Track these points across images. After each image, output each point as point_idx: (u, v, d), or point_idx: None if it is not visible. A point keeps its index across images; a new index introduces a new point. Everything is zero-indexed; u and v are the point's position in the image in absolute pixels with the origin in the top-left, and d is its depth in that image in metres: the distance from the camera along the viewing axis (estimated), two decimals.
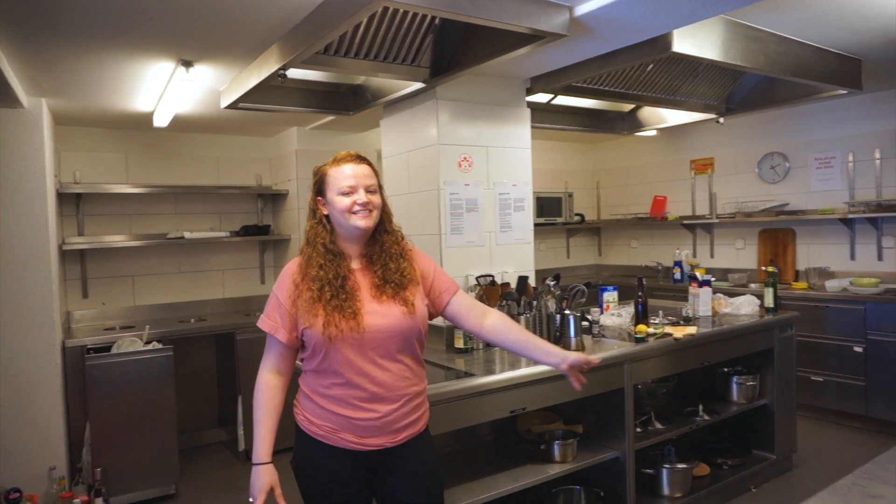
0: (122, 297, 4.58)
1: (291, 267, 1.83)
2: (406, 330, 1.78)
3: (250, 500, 1.77)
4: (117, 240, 4.47)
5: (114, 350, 3.72)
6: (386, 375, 1.76)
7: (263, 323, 1.81)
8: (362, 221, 1.76)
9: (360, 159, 1.82)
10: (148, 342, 3.85)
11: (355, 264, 1.83)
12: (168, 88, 3.37)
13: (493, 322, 1.95)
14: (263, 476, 1.75)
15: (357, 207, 1.75)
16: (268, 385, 1.80)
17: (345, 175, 1.77)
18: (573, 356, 1.89)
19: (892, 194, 4.65)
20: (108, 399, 3.61)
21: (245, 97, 3.29)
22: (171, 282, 4.78)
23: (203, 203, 4.91)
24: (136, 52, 2.87)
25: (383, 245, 1.83)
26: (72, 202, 4.34)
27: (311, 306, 1.73)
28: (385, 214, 1.86)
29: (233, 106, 3.47)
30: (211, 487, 3.94)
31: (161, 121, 3.96)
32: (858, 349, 4.40)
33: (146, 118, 4.12)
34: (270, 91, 3.51)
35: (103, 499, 3.27)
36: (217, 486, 3.95)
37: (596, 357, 1.95)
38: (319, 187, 1.81)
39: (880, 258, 4.78)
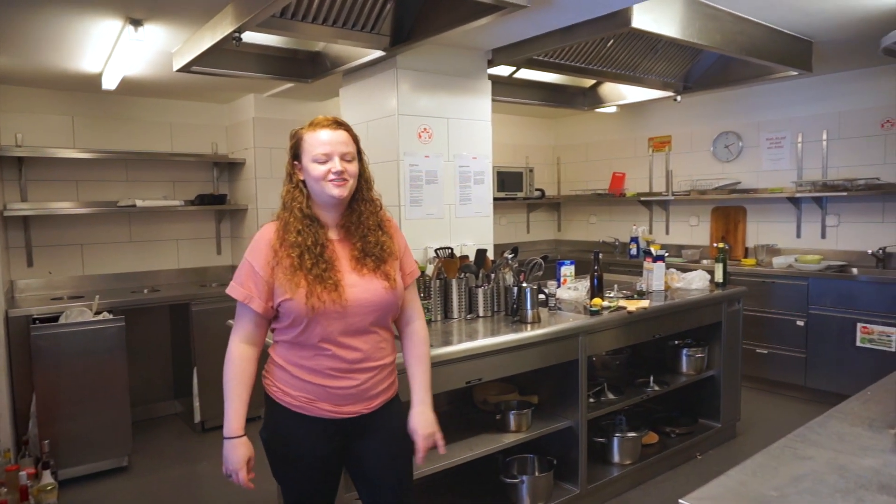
0: (70, 266, 4.42)
1: (267, 233, 1.74)
2: (387, 304, 1.77)
3: (228, 476, 1.72)
4: (64, 206, 4.30)
5: (61, 320, 3.61)
6: (365, 346, 1.75)
7: (236, 291, 1.72)
8: (336, 190, 1.71)
9: (338, 125, 1.75)
10: (98, 313, 3.75)
11: (333, 234, 1.78)
12: (116, 48, 3.23)
13: (409, 332, 1.93)
14: (240, 449, 1.71)
15: (332, 176, 1.70)
16: (241, 356, 1.73)
17: (320, 142, 1.70)
18: (420, 432, 1.86)
19: (837, 175, 4.83)
20: (55, 370, 3.50)
21: (198, 60, 3.18)
22: (122, 251, 4.63)
23: (156, 170, 4.75)
24: (80, 7, 2.72)
25: (360, 215, 1.79)
26: (13, 166, 4.14)
27: (292, 275, 1.67)
28: (364, 182, 1.81)
29: (185, 69, 3.35)
30: (165, 458, 3.89)
31: (109, 83, 3.80)
32: (800, 323, 4.60)
33: (94, 80, 3.94)
34: (225, 55, 3.40)
35: (51, 471, 3.19)
36: (172, 458, 3.91)
37: (434, 444, 1.88)
38: (295, 151, 1.75)
39: (823, 236, 4.98)
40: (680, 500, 1.15)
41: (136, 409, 4.17)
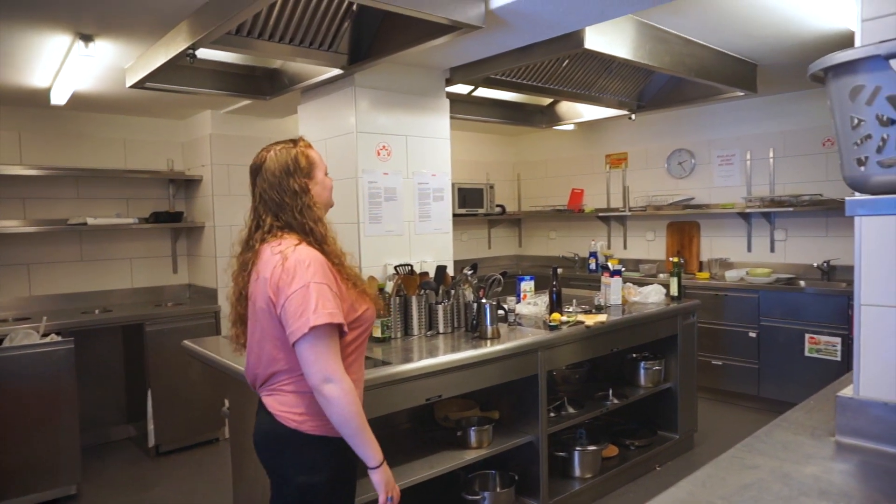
0: (16, 286, 4.26)
1: (317, 254, 1.70)
2: None
3: (388, 499, 1.69)
4: (9, 225, 4.15)
5: (6, 343, 3.47)
6: None
7: (334, 317, 1.60)
8: (333, 201, 1.91)
9: None
10: (45, 334, 3.62)
11: None
12: (65, 64, 3.15)
13: None
14: (389, 471, 1.72)
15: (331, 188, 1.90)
16: (353, 387, 1.64)
17: (321, 157, 1.87)
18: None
19: (783, 191, 5.02)
20: None
21: (152, 76, 3.13)
22: (72, 271, 4.49)
23: (108, 188, 4.63)
24: (27, 22, 2.65)
25: None
26: None
27: (356, 285, 1.78)
28: None
29: (138, 85, 3.29)
30: (117, 485, 3.75)
31: (59, 98, 3.70)
32: (752, 334, 4.74)
33: (42, 94, 3.83)
34: (180, 71, 3.36)
35: None
36: (123, 485, 3.77)
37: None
38: (308, 170, 1.80)
39: (773, 250, 5.16)
40: None
41: (86, 434, 4.02)
